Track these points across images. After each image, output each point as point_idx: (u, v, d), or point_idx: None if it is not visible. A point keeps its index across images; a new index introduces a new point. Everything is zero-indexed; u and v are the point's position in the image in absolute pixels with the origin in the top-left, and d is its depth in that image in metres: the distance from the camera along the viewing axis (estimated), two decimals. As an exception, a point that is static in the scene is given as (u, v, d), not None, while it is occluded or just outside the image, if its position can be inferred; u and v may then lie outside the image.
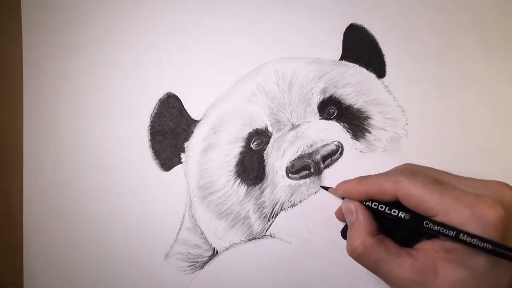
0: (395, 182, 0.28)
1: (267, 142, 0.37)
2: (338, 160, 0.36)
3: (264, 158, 0.37)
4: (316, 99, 0.37)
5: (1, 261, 0.40)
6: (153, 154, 0.39)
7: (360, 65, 0.38)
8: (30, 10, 0.41)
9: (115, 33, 0.40)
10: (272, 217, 0.36)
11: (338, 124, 0.37)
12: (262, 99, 0.38)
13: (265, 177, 0.37)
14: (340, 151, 0.36)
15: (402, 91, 0.37)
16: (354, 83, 0.37)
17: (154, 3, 0.40)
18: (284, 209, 0.36)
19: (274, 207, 0.36)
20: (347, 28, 0.38)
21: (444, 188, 0.27)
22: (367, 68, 0.38)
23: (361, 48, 0.38)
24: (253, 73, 0.38)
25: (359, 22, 0.38)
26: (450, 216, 0.26)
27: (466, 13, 0.37)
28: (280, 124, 0.37)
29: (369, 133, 0.37)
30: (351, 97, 0.37)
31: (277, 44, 0.38)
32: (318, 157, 0.36)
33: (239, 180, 0.37)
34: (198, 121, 0.38)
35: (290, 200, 0.36)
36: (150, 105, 0.39)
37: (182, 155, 0.38)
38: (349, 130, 0.37)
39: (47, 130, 0.41)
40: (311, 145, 0.36)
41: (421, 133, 0.36)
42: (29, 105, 0.41)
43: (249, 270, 0.37)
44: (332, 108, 0.37)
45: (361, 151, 0.36)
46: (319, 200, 0.36)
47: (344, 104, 0.37)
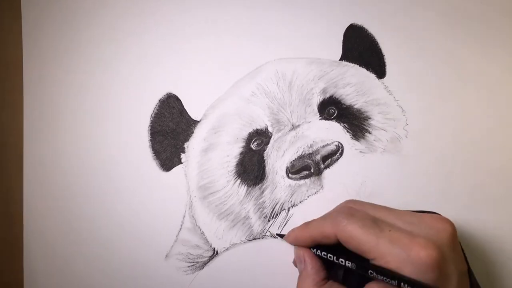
0: (335, 224, 0.28)
1: (267, 143, 0.37)
2: (338, 161, 0.36)
3: (264, 159, 0.37)
4: (316, 99, 0.37)
5: (1, 261, 0.40)
6: (153, 155, 0.39)
7: (360, 65, 0.38)
8: (30, 10, 0.41)
9: (115, 33, 0.40)
10: (272, 217, 0.36)
11: (338, 125, 0.37)
12: (262, 99, 0.38)
13: (265, 178, 0.37)
14: (340, 152, 0.36)
15: (402, 91, 0.37)
16: (354, 83, 0.37)
17: (154, 4, 0.40)
18: (284, 209, 0.36)
19: (274, 207, 0.36)
20: (347, 29, 0.38)
21: (380, 229, 0.27)
22: (367, 68, 0.38)
23: (361, 48, 0.38)
24: (253, 73, 0.38)
25: (359, 23, 0.38)
26: (387, 259, 0.26)
27: (466, 13, 0.37)
28: (280, 125, 0.37)
29: (369, 134, 0.37)
30: (351, 97, 0.37)
31: (277, 44, 0.38)
32: (318, 158, 0.36)
33: (239, 181, 0.37)
34: (198, 121, 0.38)
35: (290, 200, 0.36)
36: (150, 106, 0.39)
37: (182, 156, 0.38)
38: (349, 131, 0.37)
39: (47, 130, 0.41)
40: (311, 146, 0.36)
41: (421, 133, 0.36)
42: (29, 105, 0.41)
43: (249, 270, 0.37)
44: (332, 108, 0.37)
45: (361, 152, 0.36)
46: (319, 200, 0.36)
47: (344, 105, 0.37)
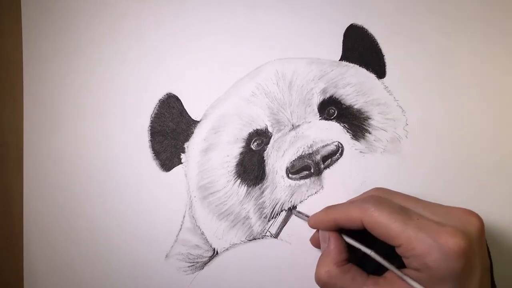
0: (362, 210, 0.28)
1: (267, 143, 0.37)
2: (338, 161, 0.36)
3: (264, 159, 0.37)
4: (316, 100, 0.37)
5: (1, 261, 0.40)
6: (153, 155, 0.39)
7: (360, 66, 0.38)
8: (30, 10, 0.41)
9: (115, 33, 0.40)
10: (273, 218, 0.37)
11: (338, 125, 0.37)
12: (262, 100, 0.38)
13: (265, 178, 0.37)
14: (340, 152, 0.36)
15: (402, 91, 0.37)
16: (354, 84, 0.37)
17: (154, 4, 0.40)
18: (284, 210, 0.36)
19: (275, 208, 0.36)
20: (347, 29, 0.38)
21: (408, 217, 0.27)
22: (367, 69, 0.38)
23: (361, 49, 0.38)
24: (253, 73, 0.38)
25: (359, 23, 0.38)
26: (413, 245, 0.26)
27: (466, 13, 0.37)
28: (280, 125, 0.37)
29: (369, 134, 0.37)
30: (351, 98, 0.37)
31: (277, 44, 0.38)
32: (318, 158, 0.36)
33: (239, 181, 0.37)
34: (198, 122, 0.38)
35: (290, 201, 0.36)
36: (150, 106, 0.39)
37: (182, 156, 0.38)
38: (349, 131, 0.37)
39: (47, 130, 0.41)
40: (311, 146, 0.36)
41: (421, 134, 0.36)
42: (29, 105, 0.41)
43: (249, 270, 0.37)
44: (332, 109, 0.37)
45: (361, 152, 0.36)
46: (319, 201, 0.36)
47: (344, 105, 0.37)
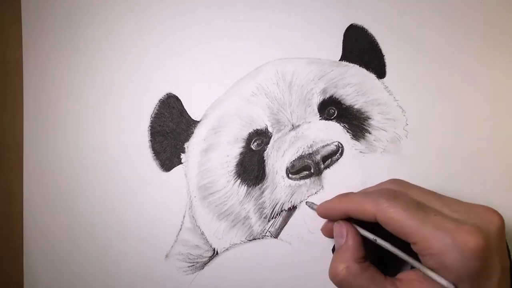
0: (376, 204, 0.27)
1: (267, 143, 0.37)
2: (338, 161, 0.36)
3: (264, 159, 0.37)
4: (316, 100, 0.37)
5: (1, 261, 0.40)
6: (153, 155, 0.39)
7: (360, 66, 0.38)
8: (30, 10, 0.41)
9: (115, 34, 0.40)
10: (272, 218, 0.36)
11: (338, 125, 0.37)
12: (262, 100, 0.38)
13: (265, 178, 0.37)
14: (340, 152, 0.36)
15: (402, 92, 0.37)
16: (354, 84, 0.37)
17: (154, 4, 0.40)
18: (284, 210, 0.36)
19: (275, 208, 0.36)
20: (347, 29, 0.38)
21: (425, 214, 0.26)
22: (367, 69, 0.38)
23: (361, 49, 0.38)
24: (253, 74, 0.38)
25: (359, 23, 0.38)
26: (430, 243, 0.25)
27: (466, 13, 0.37)
28: (280, 125, 0.37)
29: (369, 134, 0.37)
30: (351, 98, 0.37)
31: (277, 44, 0.38)
32: (318, 158, 0.36)
33: (239, 181, 0.37)
34: (198, 122, 0.38)
35: (290, 201, 0.36)
36: (150, 106, 0.39)
37: (182, 156, 0.38)
38: (349, 131, 0.37)
39: (47, 130, 0.41)
40: (311, 146, 0.36)
41: (421, 134, 0.36)
42: (29, 105, 0.41)
43: (249, 270, 0.37)
44: (332, 109, 0.37)
45: (361, 152, 0.36)
46: (320, 201, 0.36)
47: (344, 105, 0.37)
